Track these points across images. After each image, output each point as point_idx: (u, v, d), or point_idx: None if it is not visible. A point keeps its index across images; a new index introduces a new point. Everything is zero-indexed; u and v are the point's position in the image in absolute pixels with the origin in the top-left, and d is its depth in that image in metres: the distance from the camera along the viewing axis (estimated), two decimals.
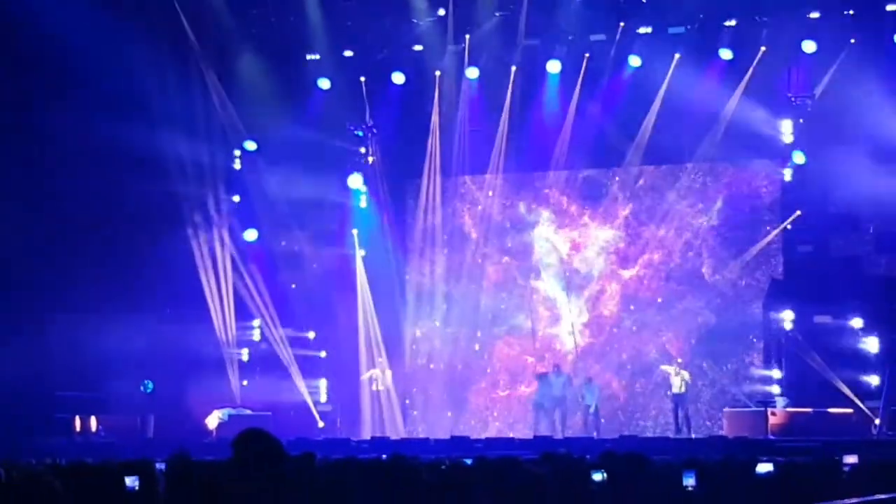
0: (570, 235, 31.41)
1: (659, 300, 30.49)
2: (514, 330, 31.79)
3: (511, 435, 29.65)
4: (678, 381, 28.22)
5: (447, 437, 27.72)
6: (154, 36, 28.19)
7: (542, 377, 29.52)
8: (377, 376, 30.67)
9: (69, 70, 26.82)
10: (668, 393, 28.73)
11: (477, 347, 31.76)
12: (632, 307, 30.72)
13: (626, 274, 30.86)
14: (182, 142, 29.66)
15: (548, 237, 31.57)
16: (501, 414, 31.77)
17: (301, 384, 31.05)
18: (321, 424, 30.88)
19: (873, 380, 27.42)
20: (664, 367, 28.91)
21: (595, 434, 28.09)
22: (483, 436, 29.10)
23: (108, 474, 9.67)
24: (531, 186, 31.87)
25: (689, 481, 10.79)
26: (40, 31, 25.90)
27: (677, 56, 29.42)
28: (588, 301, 31.13)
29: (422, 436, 30.40)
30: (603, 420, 29.17)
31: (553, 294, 31.47)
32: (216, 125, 30.70)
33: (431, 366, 31.96)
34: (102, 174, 28.35)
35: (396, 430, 30.81)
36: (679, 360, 28.75)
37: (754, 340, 29.73)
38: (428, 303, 32.11)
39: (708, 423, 29.01)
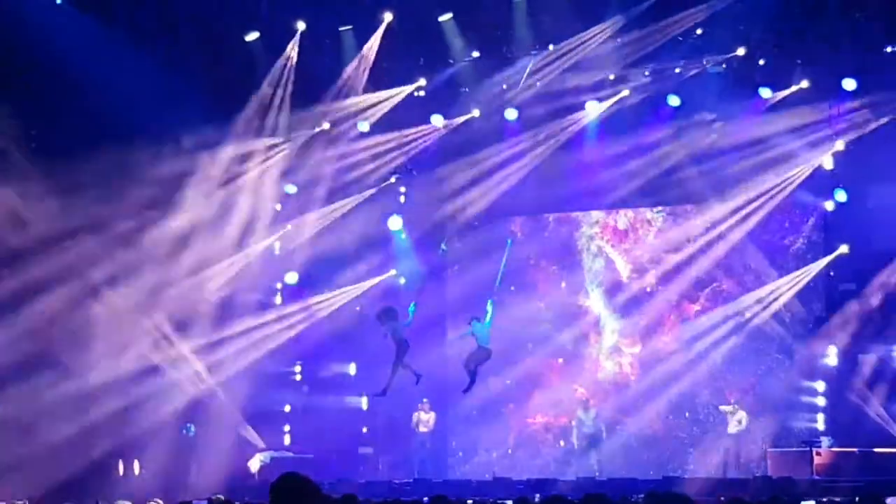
0: (629, 255, 31.44)
1: (717, 335, 30.23)
2: (558, 352, 31.67)
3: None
4: (734, 421, 28.19)
5: (489, 476, 27.71)
6: (188, 74, 28.26)
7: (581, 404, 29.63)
8: (421, 418, 30.51)
9: (87, 98, 26.63)
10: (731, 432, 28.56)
11: (516, 370, 31.63)
12: (687, 340, 30.46)
13: (691, 308, 30.76)
14: None
15: (602, 248, 31.58)
16: (525, 444, 31.64)
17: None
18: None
19: None
20: (722, 408, 28.84)
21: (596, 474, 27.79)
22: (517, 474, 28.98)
23: None
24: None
25: None
26: (64, 62, 25.85)
27: (717, 93, 29.36)
28: (642, 331, 31.00)
29: (465, 475, 30.31)
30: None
31: (601, 314, 31.43)
32: None
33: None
34: (130, 215, 28.34)
35: (439, 472, 30.66)
36: (734, 401, 28.67)
37: (800, 379, 29.46)
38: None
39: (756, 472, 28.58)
